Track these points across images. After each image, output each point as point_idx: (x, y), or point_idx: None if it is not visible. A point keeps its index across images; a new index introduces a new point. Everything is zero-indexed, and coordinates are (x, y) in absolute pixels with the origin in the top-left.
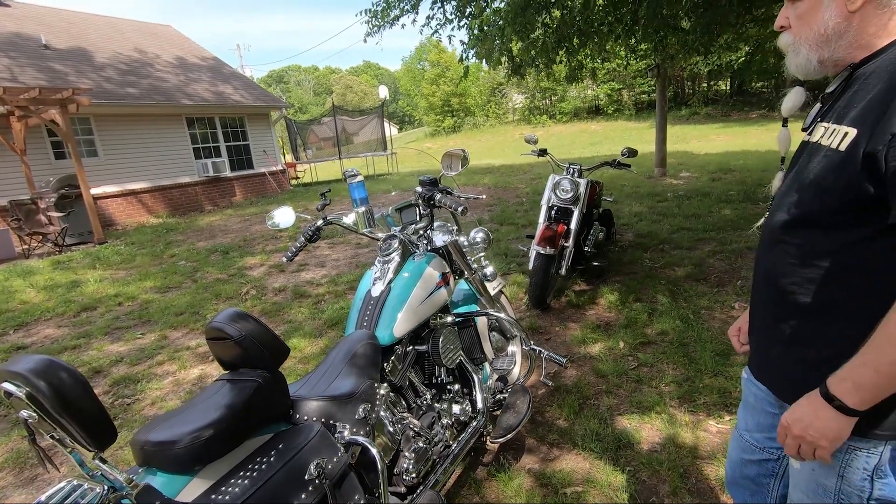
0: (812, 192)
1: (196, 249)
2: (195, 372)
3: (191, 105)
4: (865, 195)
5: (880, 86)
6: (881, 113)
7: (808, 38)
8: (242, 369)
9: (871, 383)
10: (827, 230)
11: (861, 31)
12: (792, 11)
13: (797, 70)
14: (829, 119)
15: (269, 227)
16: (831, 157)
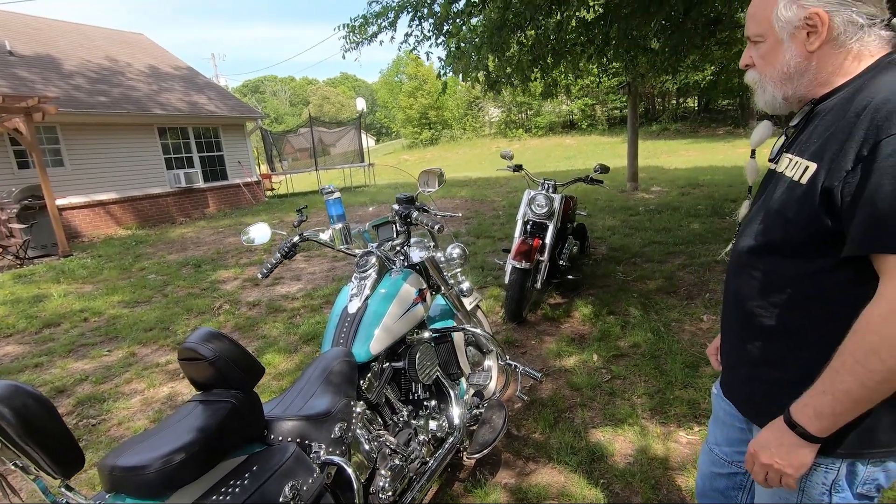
0: (777, 222)
1: (167, 262)
2: (164, 390)
3: (163, 115)
4: (825, 228)
5: (837, 123)
6: (837, 150)
7: (773, 76)
8: (216, 389)
9: (830, 411)
10: (790, 258)
11: (820, 69)
12: (755, 51)
13: (764, 106)
14: (793, 151)
15: (244, 242)
16: (794, 189)
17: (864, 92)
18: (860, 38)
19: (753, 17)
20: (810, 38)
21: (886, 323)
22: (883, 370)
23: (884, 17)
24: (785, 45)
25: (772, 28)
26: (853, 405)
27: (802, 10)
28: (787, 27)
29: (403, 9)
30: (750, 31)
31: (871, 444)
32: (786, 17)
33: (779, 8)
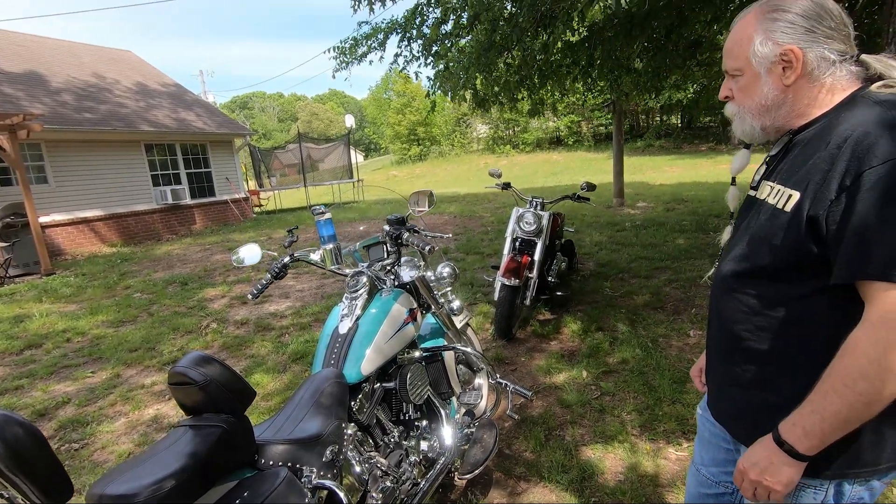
0: (762, 248)
1: (152, 280)
2: (150, 412)
3: (150, 131)
4: (810, 254)
5: (819, 154)
6: (821, 180)
7: (751, 108)
8: (206, 414)
9: (818, 430)
10: (776, 283)
11: (796, 102)
12: (734, 84)
13: (742, 135)
14: (774, 179)
15: (234, 263)
16: (778, 217)
17: (842, 125)
18: (832, 72)
19: (730, 53)
20: (786, 73)
21: (873, 347)
22: (870, 392)
23: (853, 53)
24: (762, 79)
25: (749, 63)
26: (841, 425)
27: (778, 46)
28: (763, 62)
29: (392, 30)
30: (728, 66)
31: (857, 464)
32: (762, 53)
33: (755, 44)
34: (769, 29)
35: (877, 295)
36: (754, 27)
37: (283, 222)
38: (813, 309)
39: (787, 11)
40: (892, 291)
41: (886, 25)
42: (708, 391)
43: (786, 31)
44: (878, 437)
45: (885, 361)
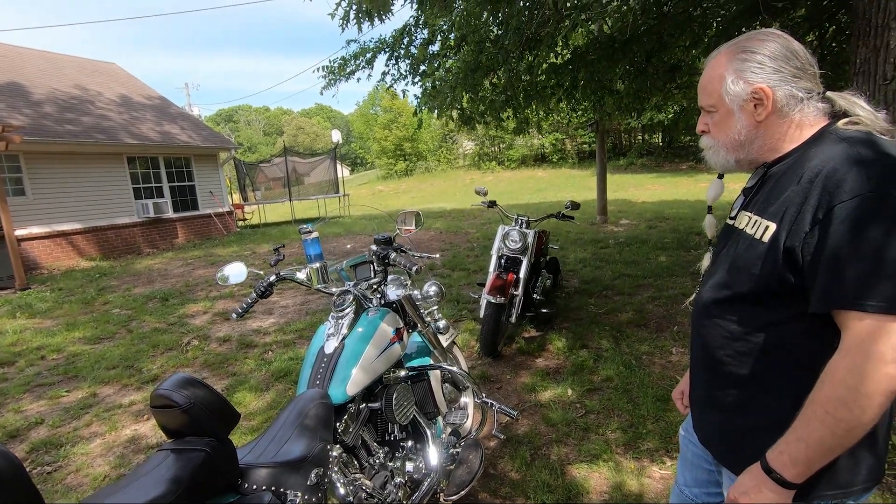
0: (742, 276)
1: (132, 296)
2: (127, 433)
3: (133, 144)
4: (787, 282)
5: (792, 187)
6: (796, 213)
7: (725, 142)
8: (189, 437)
9: (803, 457)
10: (756, 310)
11: (768, 137)
12: (710, 119)
13: (717, 167)
14: (751, 210)
15: (219, 281)
16: (756, 247)
17: (813, 160)
18: (801, 109)
19: (705, 90)
20: (758, 110)
21: (851, 375)
22: (851, 419)
23: (819, 91)
24: (735, 115)
25: (722, 100)
26: (826, 452)
27: (748, 85)
28: (736, 100)
29: (381, 49)
30: (703, 103)
31: (834, 485)
32: (734, 92)
33: (727, 83)
34: (739, 69)
35: (851, 324)
36: (725, 67)
37: (267, 237)
38: (791, 335)
39: (756, 52)
40: (865, 320)
41: (853, 56)
42: (692, 414)
43: (755, 71)
44: (854, 459)
45: (863, 389)
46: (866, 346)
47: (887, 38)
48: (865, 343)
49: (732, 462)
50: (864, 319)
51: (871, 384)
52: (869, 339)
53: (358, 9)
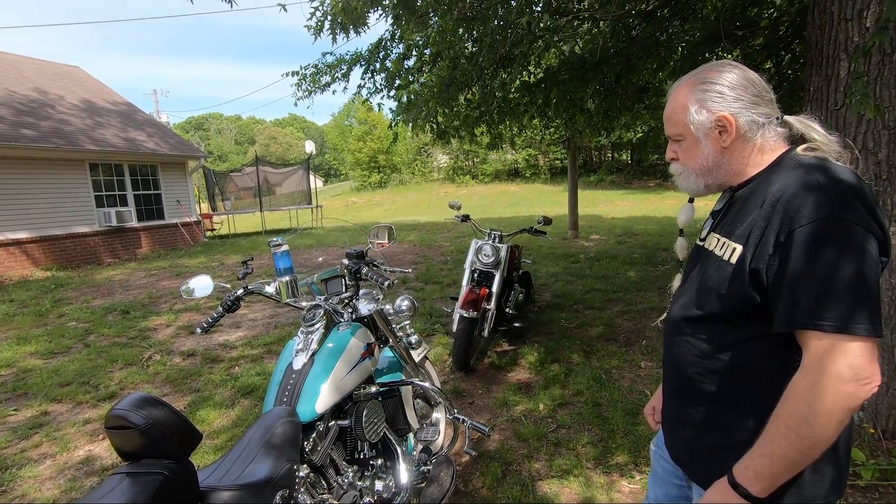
0: (711, 296)
1: (90, 308)
2: (80, 454)
3: (96, 150)
4: (754, 302)
5: (756, 211)
6: (760, 235)
7: (694, 168)
8: (146, 460)
9: (768, 473)
10: (725, 329)
11: (733, 162)
12: (678, 147)
13: (688, 192)
14: (719, 232)
15: (183, 295)
16: (725, 268)
17: (774, 185)
18: (762, 134)
19: (670, 120)
20: (722, 136)
21: (811, 393)
22: (812, 436)
23: (777, 116)
24: (702, 143)
25: (688, 129)
26: (789, 467)
27: (712, 114)
28: (701, 128)
29: (356, 62)
30: (669, 132)
31: (799, 498)
32: (699, 121)
33: (691, 113)
34: (701, 99)
35: (810, 343)
36: (688, 97)
37: (236, 247)
38: (756, 354)
39: (715, 83)
40: (823, 339)
41: (807, 84)
42: (664, 431)
43: (716, 101)
44: (818, 473)
45: (822, 406)
46: (825, 364)
47: (837, 67)
48: (824, 361)
49: (703, 478)
50: (823, 339)
51: (829, 402)
52: (827, 357)
53: (333, 20)
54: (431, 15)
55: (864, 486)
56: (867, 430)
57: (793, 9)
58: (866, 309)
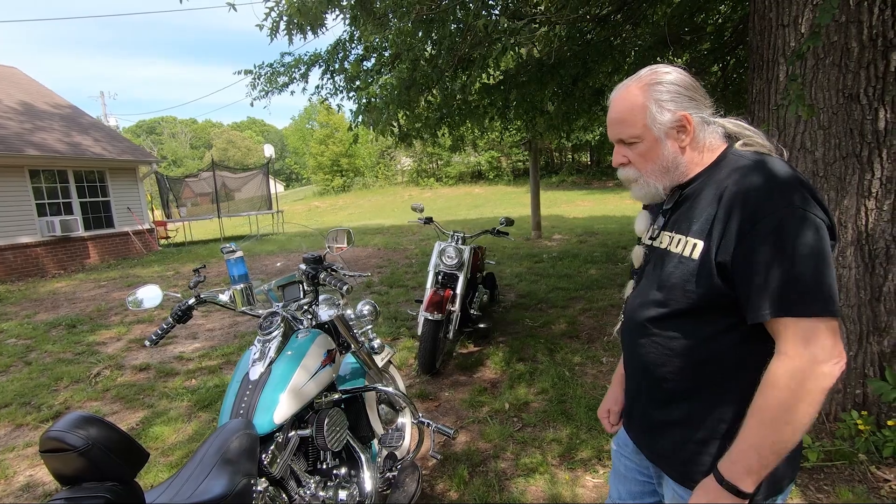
0: (677, 292)
1: (32, 323)
2: (21, 479)
3: (37, 156)
4: (721, 294)
5: (713, 207)
6: (723, 230)
7: (653, 171)
8: (87, 483)
9: (757, 465)
10: (693, 323)
11: (687, 161)
12: (630, 151)
13: (644, 198)
14: (673, 230)
15: (130, 306)
16: (687, 264)
17: (727, 180)
18: (709, 132)
19: (625, 122)
20: (681, 136)
21: (792, 378)
22: (796, 421)
23: (713, 113)
24: (662, 143)
25: (648, 130)
26: (776, 456)
27: (673, 113)
28: (662, 128)
29: (314, 62)
30: (623, 135)
31: (772, 484)
32: (661, 121)
33: (652, 113)
34: (660, 99)
35: (785, 329)
36: (645, 98)
37: (192, 255)
38: (728, 344)
39: (669, 84)
40: (799, 324)
41: (750, 86)
42: (634, 433)
43: (676, 101)
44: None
45: (804, 389)
46: (801, 349)
47: (777, 71)
48: (800, 346)
49: (682, 476)
50: (798, 324)
51: (810, 383)
52: (803, 342)
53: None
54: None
55: (810, 467)
56: None
57: (736, 15)
58: (831, 292)
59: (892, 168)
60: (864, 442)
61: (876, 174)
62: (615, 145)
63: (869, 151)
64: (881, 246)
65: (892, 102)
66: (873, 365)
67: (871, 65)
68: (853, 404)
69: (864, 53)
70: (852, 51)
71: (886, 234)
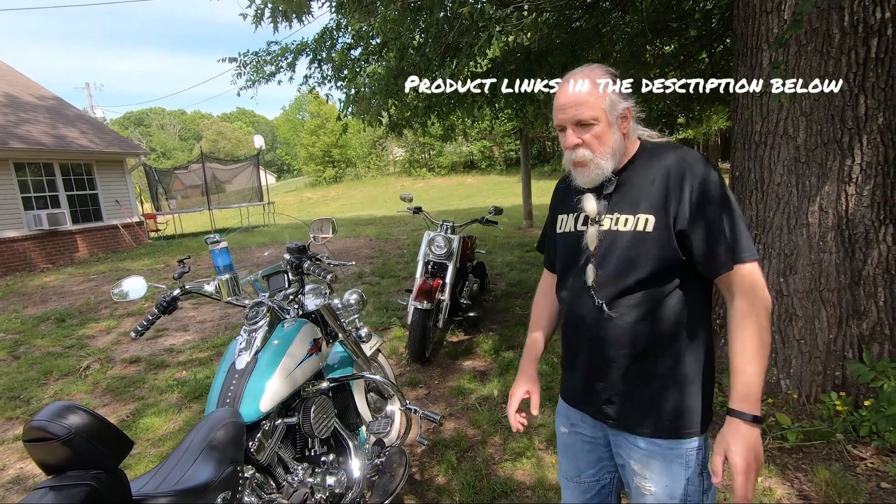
0: (637, 264)
1: (21, 318)
2: (11, 473)
3: (21, 149)
4: (678, 258)
5: (658, 185)
6: (677, 203)
7: (605, 153)
8: (71, 472)
9: (758, 391)
10: (653, 290)
11: (624, 148)
12: (586, 134)
13: (594, 180)
14: (618, 211)
15: (114, 298)
16: (643, 238)
17: (664, 161)
18: (633, 126)
19: (585, 105)
20: (623, 124)
21: (754, 306)
22: (768, 338)
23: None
24: (613, 127)
25: (605, 114)
26: (764, 377)
27: (623, 103)
28: (614, 114)
29: (302, 51)
30: (584, 116)
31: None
32: (614, 108)
33: (609, 100)
34: (615, 90)
35: (739, 274)
36: (603, 87)
37: (182, 248)
38: (682, 301)
39: (615, 79)
40: (746, 267)
41: (735, 73)
42: (597, 408)
43: (623, 93)
44: None
45: (765, 312)
46: (752, 285)
47: (760, 58)
48: (751, 283)
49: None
50: (746, 267)
51: (766, 307)
52: (752, 279)
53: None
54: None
55: (789, 447)
56: (792, 397)
57: (723, 2)
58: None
59: (872, 154)
60: (841, 422)
61: (856, 160)
62: (569, 129)
63: (850, 137)
64: (861, 231)
65: (873, 89)
66: (852, 347)
67: (852, 51)
68: (833, 386)
69: (846, 40)
70: (833, 37)
71: (866, 219)
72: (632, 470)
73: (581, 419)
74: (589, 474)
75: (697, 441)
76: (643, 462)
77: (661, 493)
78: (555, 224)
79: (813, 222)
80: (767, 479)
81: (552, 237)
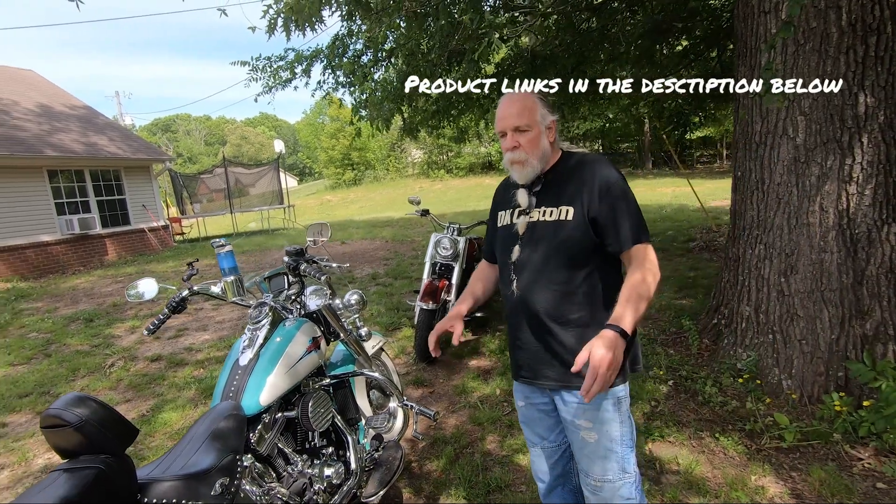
0: (562, 248)
1: (53, 318)
2: (40, 462)
3: (55, 157)
4: (593, 241)
5: (576, 183)
6: (588, 196)
7: (537, 155)
8: (83, 456)
9: (632, 319)
10: (575, 268)
11: (550, 154)
12: (523, 138)
13: (527, 175)
14: (545, 205)
15: (130, 299)
16: (565, 225)
17: (582, 166)
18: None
19: (522, 115)
20: (549, 133)
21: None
22: (649, 294)
23: None
24: (543, 135)
25: (537, 123)
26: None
27: (550, 116)
28: (543, 124)
29: (316, 57)
30: (521, 122)
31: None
32: (544, 119)
33: (539, 112)
34: (543, 105)
35: (636, 252)
36: (534, 102)
37: (206, 251)
38: (596, 276)
39: (545, 97)
40: (640, 247)
41: (736, 73)
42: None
43: (550, 109)
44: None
45: (652, 279)
46: (645, 260)
47: (759, 58)
48: (646, 257)
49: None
50: (641, 247)
51: (654, 275)
52: (645, 256)
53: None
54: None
55: (787, 447)
56: (791, 397)
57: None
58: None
59: (873, 152)
60: (841, 422)
61: (857, 159)
62: (509, 133)
63: (850, 136)
64: (863, 230)
65: (872, 87)
66: (855, 348)
67: (851, 50)
68: (835, 386)
69: (844, 38)
70: (832, 36)
71: (868, 219)
72: (574, 425)
73: (531, 392)
74: (550, 440)
75: (622, 387)
76: (581, 413)
77: (601, 437)
78: (495, 220)
79: (814, 222)
80: (762, 477)
81: (493, 232)
